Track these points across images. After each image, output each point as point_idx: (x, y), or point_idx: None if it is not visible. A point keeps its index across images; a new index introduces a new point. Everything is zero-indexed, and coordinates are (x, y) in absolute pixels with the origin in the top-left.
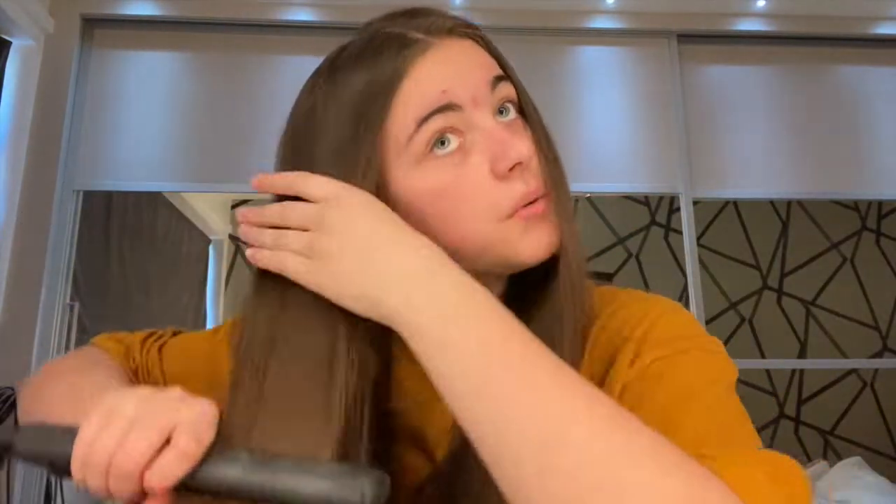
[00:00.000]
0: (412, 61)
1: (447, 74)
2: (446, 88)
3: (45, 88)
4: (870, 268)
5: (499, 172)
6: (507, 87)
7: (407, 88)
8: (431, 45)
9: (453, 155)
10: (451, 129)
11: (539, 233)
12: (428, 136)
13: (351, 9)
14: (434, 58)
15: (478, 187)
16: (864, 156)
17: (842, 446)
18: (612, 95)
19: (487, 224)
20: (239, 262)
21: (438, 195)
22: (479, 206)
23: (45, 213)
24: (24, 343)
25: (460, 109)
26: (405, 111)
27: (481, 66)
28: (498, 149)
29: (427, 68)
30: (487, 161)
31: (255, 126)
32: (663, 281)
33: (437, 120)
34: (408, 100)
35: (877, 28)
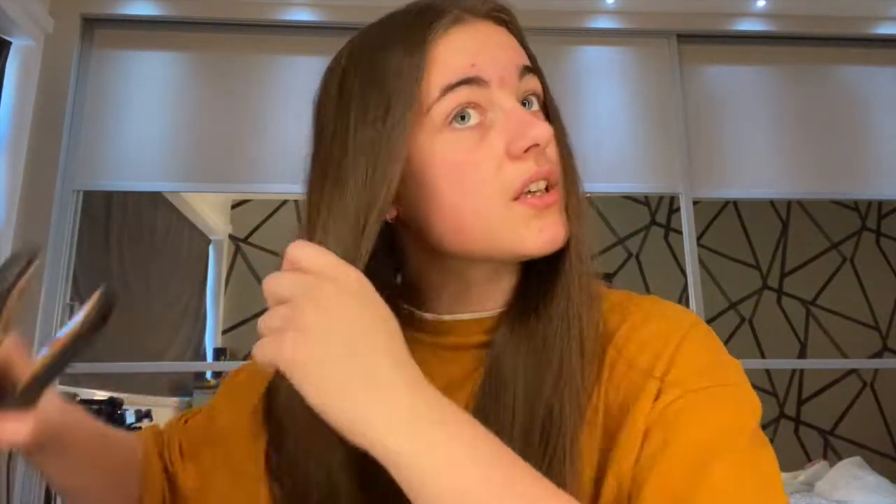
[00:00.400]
0: (446, 30)
1: (478, 50)
2: (476, 62)
3: (45, 88)
4: (870, 268)
5: (514, 152)
6: (533, 80)
7: (437, 55)
8: (466, 20)
9: (472, 130)
10: (473, 105)
11: (547, 225)
12: (451, 106)
13: (351, 9)
14: (467, 32)
15: (490, 163)
16: (864, 156)
17: (842, 446)
18: (612, 96)
19: (495, 203)
20: (239, 262)
21: (451, 167)
22: (489, 182)
23: (45, 213)
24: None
25: (486, 86)
26: (432, 78)
27: (513, 52)
28: (517, 129)
29: (461, 39)
30: (504, 140)
31: (255, 126)
32: (663, 281)
33: (462, 91)
34: (437, 66)
35: (877, 28)
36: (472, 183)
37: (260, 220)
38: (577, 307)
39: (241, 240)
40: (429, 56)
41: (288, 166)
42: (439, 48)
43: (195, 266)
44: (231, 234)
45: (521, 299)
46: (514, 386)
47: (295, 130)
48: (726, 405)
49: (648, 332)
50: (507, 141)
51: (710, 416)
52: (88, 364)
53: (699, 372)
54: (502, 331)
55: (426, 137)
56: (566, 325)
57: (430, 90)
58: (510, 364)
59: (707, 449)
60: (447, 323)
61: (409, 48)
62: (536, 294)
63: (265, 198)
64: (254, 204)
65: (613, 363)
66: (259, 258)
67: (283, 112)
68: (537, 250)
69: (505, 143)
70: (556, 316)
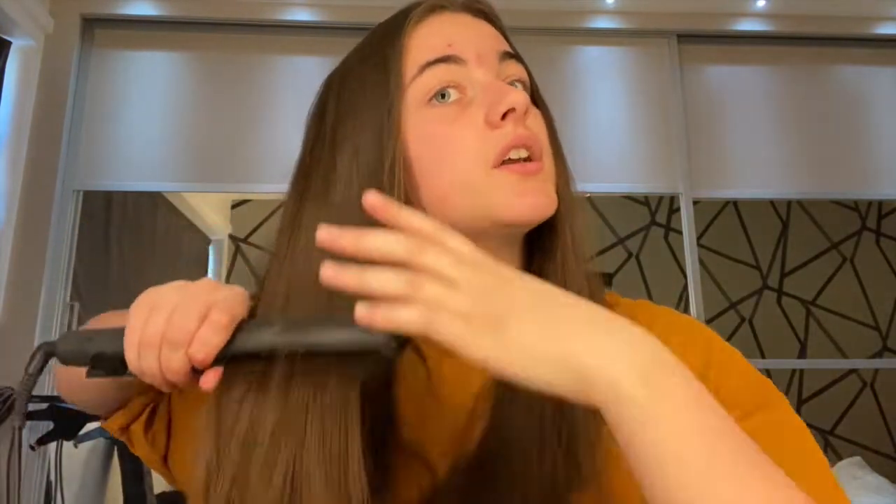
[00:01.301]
0: (423, 17)
1: (455, 32)
2: (452, 43)
3: (45, 88)
4: (870, 268)
5: (492, 120)
6: (516, 66)
7: (415, 38)
8: (444, 9)
9: (452, 106)
10: (452, 84)
11: (529, 190)
12: (429, 84)
13: (351, 9)
14: (444, 19)
15: (470, 133)
16: (864, 156)
17: (842, 446)
18: (612, 95)
19: (477, 171)
20: (239, 262)
21: (432, 139)
22: (470, 151)
23: (45, 213)
24: (24, 343)
25: (463, 63)
26: (413, 56)
27: (491, 38)
28: (494, 97)
29: (438, 24)
30: (483, 111)
31: (255, 126)
32: (663, 281)
33: (440, 69)
34: (415, 48)
35: (877, 28)
36: (452, 153)
37: (260, 220)
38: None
39: (241, 240)
40: (407, 40)
41: (288, 166)
42: (417, 32)
43: (195, 266)
44: (231, 234)
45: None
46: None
47: (295, 130)
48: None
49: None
50: (485, 110)
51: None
52: None
53: (746, 389)
54: None
55: (408, 115)
56: None
57: (408, 70)
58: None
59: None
60: None
61: (388, 38)
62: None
63: (265, 198)
64: (254, 204)
65: None
66: (259, 258)
67: (283, 112)
68: (520, 216)
69: (484, 113)
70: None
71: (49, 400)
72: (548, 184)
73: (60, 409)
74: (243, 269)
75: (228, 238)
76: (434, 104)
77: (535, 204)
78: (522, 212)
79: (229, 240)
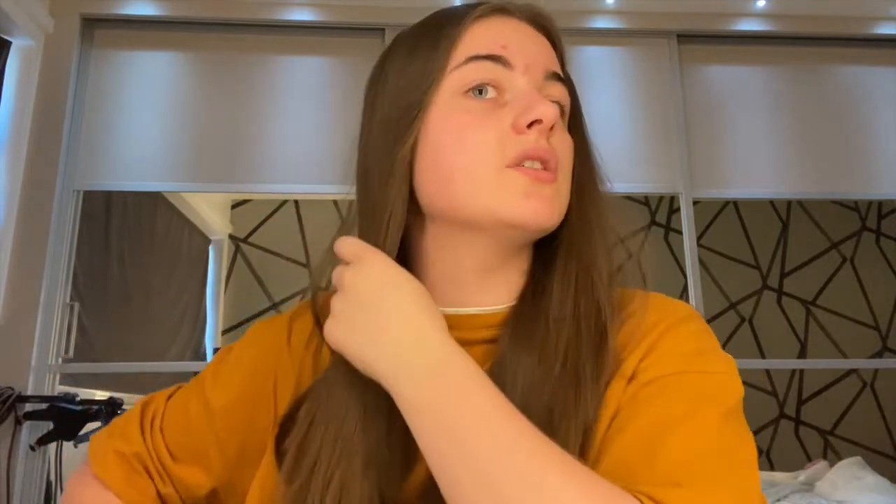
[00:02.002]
0: (487, 15)
1: (513, 37)
2: (507, 46)
3: (45, 88)
4: (870, 268)
5: (518, 125)
6: (561, 89)
7: (473, 30)
8: (509, 13)
9: (486, 103)
10: (493, 83)
11: (534, 195)
12: (471, 75)
13: (351, 9)
14: (507, 22)
15: (494, 131)
16: (864, 156)
17: (842, 446)
18: (612, 95)
19: (490, 166)
20: (239, 262)
21: (458, 127)
22: (489, 146)
23: (45, 213)
24: (24, 343)
25: (510, 68)
26: (465, 46)
27: (545, 54)
28: (525, 105)
29: (499, 25)
30: (513, 115)
31: (255, 126)
32: (663, 281)
33: (486, 65)
34: (469, 39)
35: (877, 28)
36: (472, 144)
37: (260, 220)
38: (584, 317)
39: (241, 240)
40: (463, 30)
41: (288, 166)
42: (476, 26)
43: (195, 266)
44: (231, 234)
45: (524, 301)
46: (512, 388)
47: (295, 130)
48: (701, 387)
49: (639, 320)
50: (514, 115)
51: (679, 396)
52: (89, 364)
53: (680, 356)
54: (505, 332)
55: (441, 99)
56: (569, 331)
57: (457, 57)
58: (511, 366)
59: (668, 423)
60: (449, 317)
61: (448, 23)
62: (540, 298)
63: (265, 198)
64: (254, 204)
65: (620, 374)
66: (259, 258)
67: (283, 112)
68: (517, 216)
69: (513, 116)
70: (559, 320)
71: (49, 400)
72: (555, 198)
73: (60, 409)
74: (243, 269)
75: (228, 238)
76: (470, 96)
77: (539, 210)
78: (525, 214)
79: (229, 240)
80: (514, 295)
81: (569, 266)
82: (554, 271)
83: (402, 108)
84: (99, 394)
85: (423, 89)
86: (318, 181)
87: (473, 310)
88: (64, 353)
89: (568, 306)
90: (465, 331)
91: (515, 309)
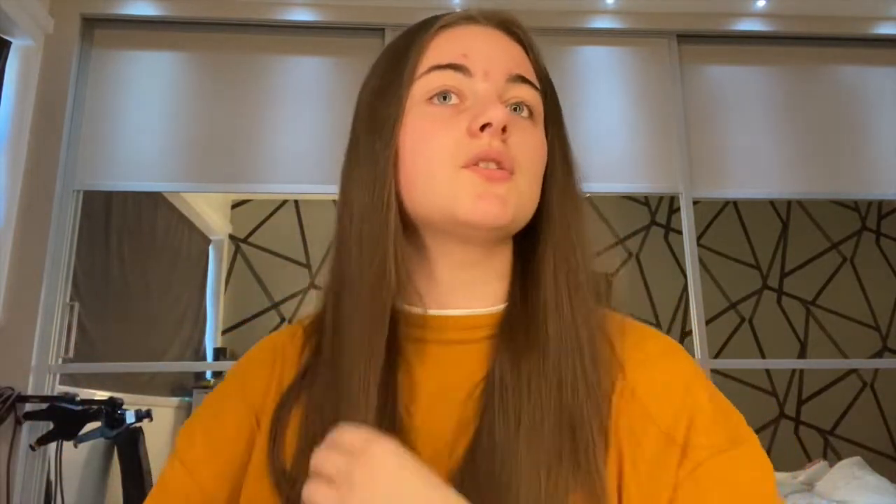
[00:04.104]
0: (453, 25)
1: (473, 45)
2: (468, 54)
3: (45, 88)
4: (870, 268)
5: (471, 130)
6: (526, 90)
7: (438, 41)
8: (476, 22)
9: (448, 109)
10: (454, 90)
11: (486, 196)
12: (433, 83)
13: (351, 9)
14: (472, 31)
15: (450, 135)
16: (864, 156)
17: (842, 446)
18: (612, 95)
19: (445, 168)
20: (239, 262)
21: (420, 133)
22: (444, 150)
23: (45, 213)
24: (24, 343)
25: (469, 75)
26: (429, 56)
27: (508, 58)
28: (479, 109)
29: (462, 34)
30: (468, 120)
31: (255, 126)
32: (663, 281)
33: (446, 73)
34: (434, 50)
35: (877, 28)
36: (430, 149)
37: (260, 220)
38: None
39: (241, 240)
40: (429, 40)
41: (288, 166)
42: (440, 36)
43: (195, 266)
44: (231, 234)
45: (514, 303)
46: (518, 393)
47: (295, 130)
48: (751, 471)
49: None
50: (469, 120)
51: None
52: (89, 364)
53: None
54: (500, 336)
55: (412, 108)
56: (565, 333)
57: (421, 67)
58: (513, 371)
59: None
60: (436, 318)
61: (419, 34)
62: (530, 298)
63: (265, 198)
64: (254, 204)
65: (627, 404)
66: (259, 258)
67: (283, 112)
68: (470, 215)
69: (467, 121)
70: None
71: (49, 400)
72: (510, 196)
73: (60, 409)
74: (243, 269)
75: (228, 238)
76: (434, 103)
77: (488, 212)
78: (475, 214)
79: (229, 240)
80: (501, 295)
81: (557, 265)
82: (541, 272)
83: (382, 118)
84: (99, 394)
85: (396, 99)
86: (318, 181)
87: (462, 311)
88: (64, 353)
89: (563, 308)
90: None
91: (508, 311)
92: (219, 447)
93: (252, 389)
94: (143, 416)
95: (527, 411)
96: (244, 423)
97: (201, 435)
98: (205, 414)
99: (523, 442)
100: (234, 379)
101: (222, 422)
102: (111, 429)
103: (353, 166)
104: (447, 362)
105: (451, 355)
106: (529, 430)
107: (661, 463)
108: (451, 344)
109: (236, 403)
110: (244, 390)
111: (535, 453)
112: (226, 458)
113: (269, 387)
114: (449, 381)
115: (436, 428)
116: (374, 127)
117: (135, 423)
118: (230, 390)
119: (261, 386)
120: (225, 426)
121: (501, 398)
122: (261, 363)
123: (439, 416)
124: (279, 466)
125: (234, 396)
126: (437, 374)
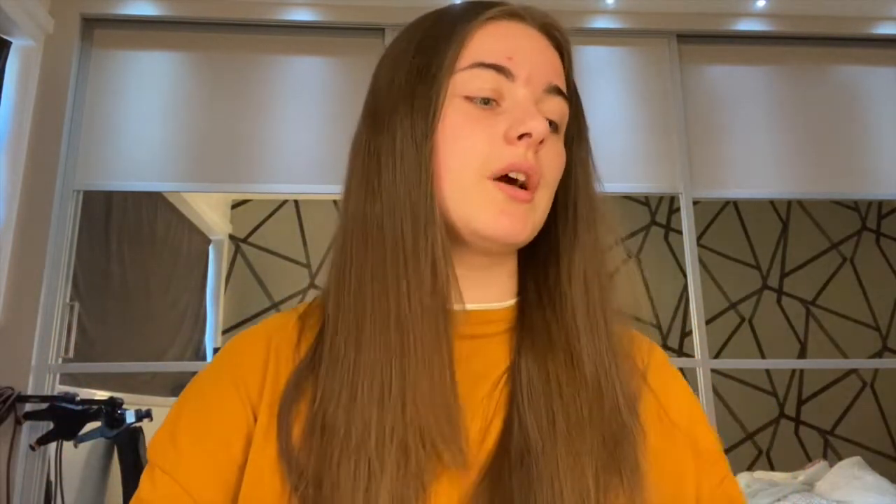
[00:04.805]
0: (499, 19)
1: (520, 47)
2: (514, 57)
3: (45, 88)
4: (870, 268)
5: (508, 136)
6: (560, 102)
7: (483, 34)
8: (524, 21)
9: (485, 109)
10: (496, 94)
11: (508, 213)
12: (475, 81)
13: (351, 9)
14: (518, 29)
15: (485, 138)
16: (864, 156)
17: (842, 446)
18: (612, 95)
19: (472, 174)
20: (239, 262)
21: (453, 129)
22: (477, 152)
23: (45, 213)
24: (24, 343)
25: (512, 79)
26: (469, 50)
27: (549, 67)
28: (520, 117)
29: (509, 32)
30: (506, 125)
31: (255, 126)
32: (663, 281)
33: (489, 73)
34: (478, 43)
35: (877, 28)
36: (462, 148)
37: (260, 220)
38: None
39: (241, 240)
40: (475, 32)
41: (288, 166)
42: (486, 30)
43: (195, 266)
44: (231, 234)
45: (529, 299)
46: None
47: (295, 130)
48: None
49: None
50: (507, 125)
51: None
52: (89, 364)
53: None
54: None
55: (450, 99)
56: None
57: (463, 59)
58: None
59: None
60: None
61: (462, 22)
62: (548, 296)
63: (265, 198)
64: (254, 204)
65: (658, 418)
66: (259, 258)
67: (284, 112)
68: (489, 230)
69: (505, 126)
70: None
71: (49, 400)
72: (529, 216)
73: (60, 409)
74: (243, 269)
75: (228, 238)
76: (469, 100)
77: (509, 230)
78: (497, 230)
79: (229, 240)
80: (512, 290)
81: (588, 277)
82: (567, 280)
83: (422, 101)
84: (99, 394)
85: (437, 86)
86: (318, 181)
87: (476, 306)
88: (64, 353)
89: (595, 316)
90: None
91: (521, 307)
92: (212, 450)
93: (247, 384)
94: (143, 416)
95: (561, 413)
96: (240, 420)
97: (188, 440)
98: (188, 417)
99: (561, 443)
100: (223, 374)
101: (214, 422)
102: (111, 429)
103: (383, 143)
104: (466, 357)
105: (468, 350)
106: (567, 434)
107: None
108: (468, 339)
109: (230, 401)
110: (237, 385)
111: (576, 457)
112: (222, 462)
113: (265, 380)
114: (470, 376)
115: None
116: (412, 107)
117: (135, 423)
118: (219, 387)
119: (256, 380)
120: (220, 426)
121: (530, 397)
122: (253, 356)
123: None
124: (292, 460)
125: (225, 393)
126: (458, 369)
